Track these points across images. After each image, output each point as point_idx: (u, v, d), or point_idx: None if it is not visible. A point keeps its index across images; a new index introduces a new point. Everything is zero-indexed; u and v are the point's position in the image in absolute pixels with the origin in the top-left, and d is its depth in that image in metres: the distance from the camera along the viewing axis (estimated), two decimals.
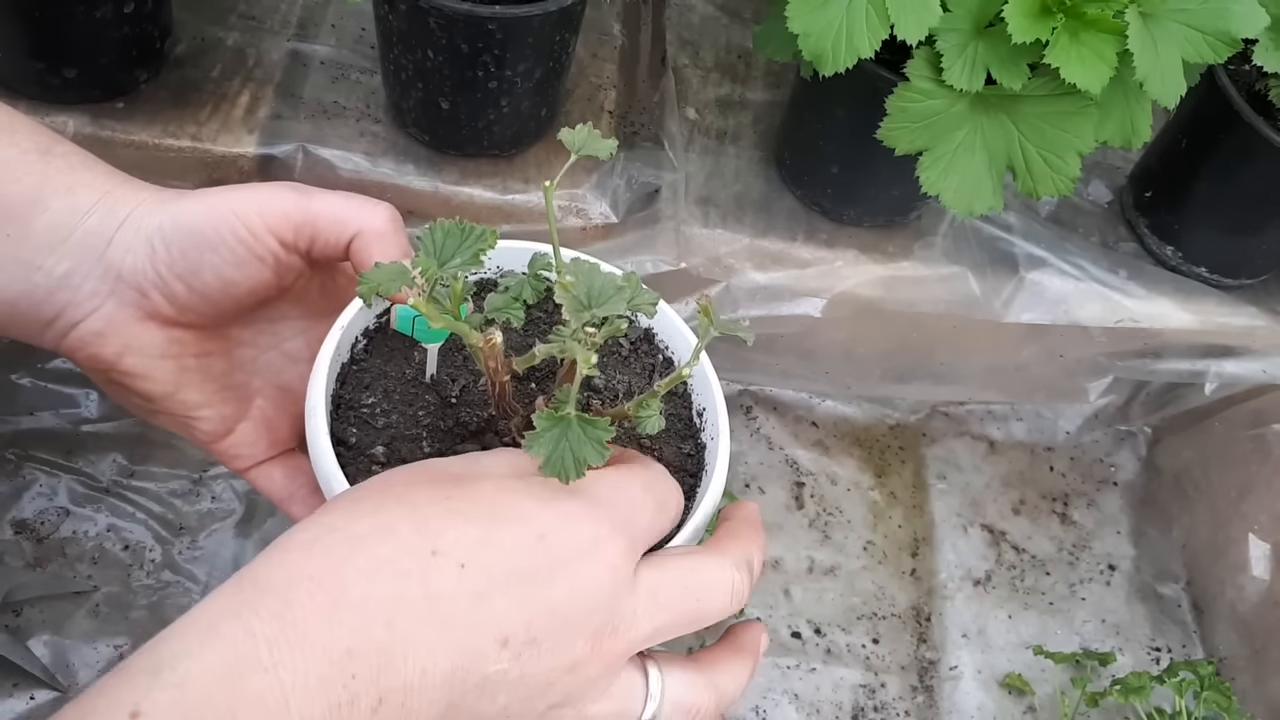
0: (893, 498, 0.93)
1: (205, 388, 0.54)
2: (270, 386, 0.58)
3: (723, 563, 0.45)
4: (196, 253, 0.50)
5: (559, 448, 0.40)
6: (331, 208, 0.51)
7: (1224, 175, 0.80)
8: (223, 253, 0.50)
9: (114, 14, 0.69)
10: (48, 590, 0.73)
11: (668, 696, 0.44)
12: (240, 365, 0.56)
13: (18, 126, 0.51)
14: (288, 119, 0.75)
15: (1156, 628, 0.90)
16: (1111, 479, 0.98)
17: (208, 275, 0.50)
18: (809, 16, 0.64)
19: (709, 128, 0.86)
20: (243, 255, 0.50)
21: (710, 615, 0.44)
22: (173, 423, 0.55)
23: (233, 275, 0.51)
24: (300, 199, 0.51)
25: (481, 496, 0.40)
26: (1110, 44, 0.63)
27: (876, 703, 0.82)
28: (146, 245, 0.50)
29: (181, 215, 0.50)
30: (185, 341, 0.53)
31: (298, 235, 0.51)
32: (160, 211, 0.50)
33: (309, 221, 0.51)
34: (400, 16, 0.68)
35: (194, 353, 0.53)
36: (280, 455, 0.58)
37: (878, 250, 0.82)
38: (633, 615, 0.41)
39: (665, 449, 0.53)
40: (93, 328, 0.51)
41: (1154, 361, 0.89)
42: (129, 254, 0.50)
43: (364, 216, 0.51)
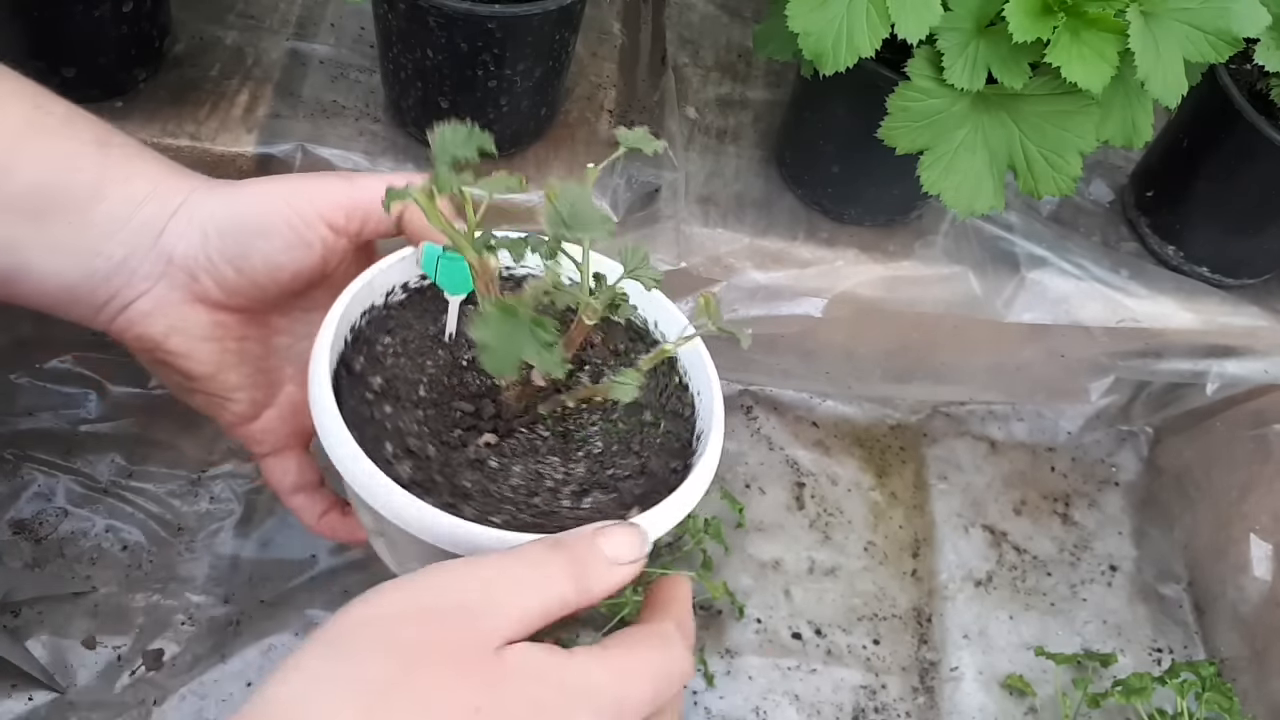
0: (893, 498, 0.93)
1: (242, 371, 0.57)
2: (300, 375, 0.60)
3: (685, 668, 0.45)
4: (248, 238, 0.53)
5: (502, 339, 0.40)
6: (378, 189, 0.52)
7: (1225, 174, 0.80)
8: (273, 239, 0.53)
9: (113, 13, 0.69)
10: (46, 590, 0.73)
11: None
12: (275, 352, 0.59)
13: (77, 120, 0.54)
14: (287, 118, 0.75)
15: (1158, 628, 0.90)
16: (1113, 479, 0.98)
17: (257, 260, 0.53)
18: (809, 15, 0.63)
19: (709, 127, 0.86)
20: (293, 241, 0.53)
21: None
22: (208, 403, 0.58)
23: (281, 260, 0.53)
24: (347, 185, 0.53)
25: (510, 713, 0.38)
26: (1111, 43, 0.62)
27: (877, 704, 0.81)
28: (199, 231, 0.53)
29: (233, 203, 0.53)
30: (228, 325, 0.55)
31: (349, 219, 0.53)
32: (212, 199, 0.53)
33: (359, 205, 0.53)
34: (399, 15, 0.67)
35: (235, 336, 0.56)
36: (298, 446, 0.61)
37: (878, 250, 0.82)
38: None
39: (656, 451, 0.53)
40: (143, 308, 0.54)
41: (1155, 361, 0.89)
42: (181, 240, 0.53)
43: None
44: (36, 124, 0.52)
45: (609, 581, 0.43)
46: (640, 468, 0.51)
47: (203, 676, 0.72)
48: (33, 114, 0.52)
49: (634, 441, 0.52)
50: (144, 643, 0.73)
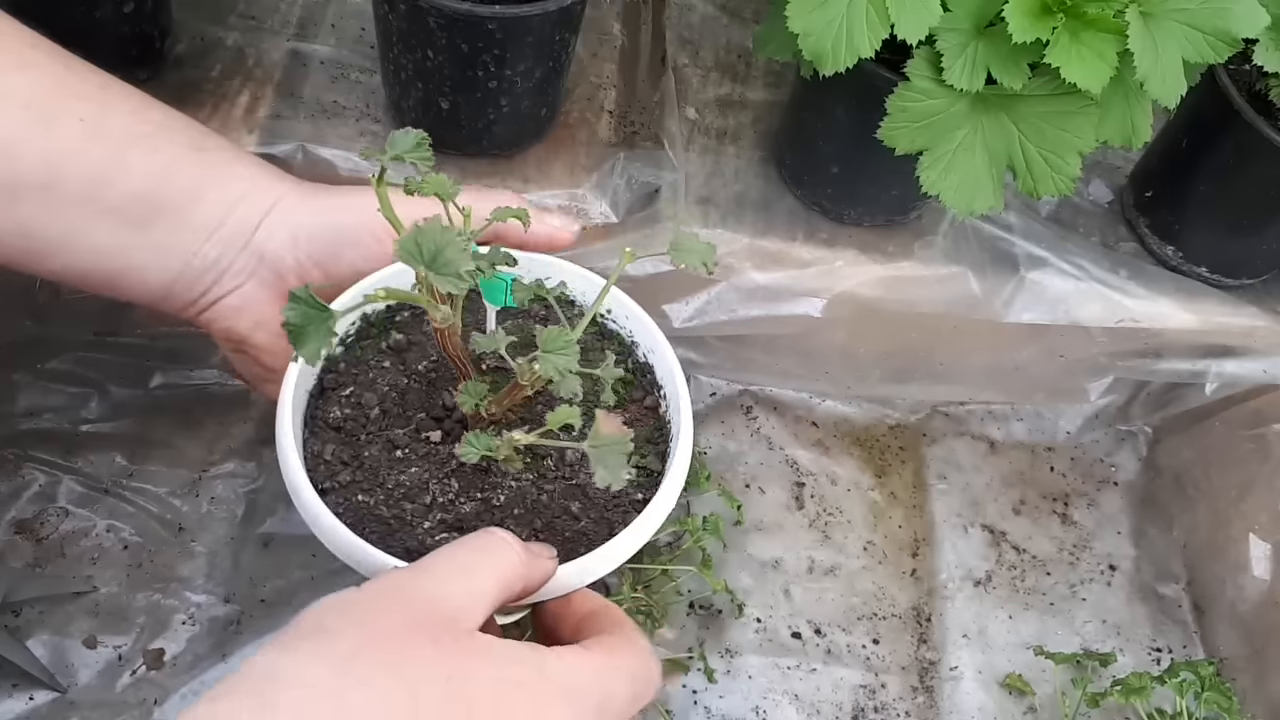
0: (893, 498, 0.93)
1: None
2: None
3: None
4: (336, 245, 0.55)
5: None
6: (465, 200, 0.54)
7: (1224, 175, 0.80)
8: (360, 248, 0.55)
9: (113, 14, 0.69)
10: (47, 590, 0.74)
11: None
12: None
13: (174, 124, 0.57)
14: (287, 118, 0.75)
15: (1157, 628, 0.90)
16: (1112, 479, 0.98)
17: (343, 266, 0.56)
18: (809, 16, 0.64)
19: (709, 127, 0.86)
20: (377, 252, 0.55)
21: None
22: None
23: (366, 268, 0.55)
24: (434, 202, 0.54)
25: (480, 687, 0.39)
26: (1110, 44, 0.63)
27: (877, 703, 0.82)
28: (289, 235, 0.56)
29: (324, 210, 0.56)
30: None
31: None
32: (304, 204, 0.56)
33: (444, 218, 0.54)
34: (400, 16, 0.67)
35: None
36: None
37: (878, 250, 0.82)
38: None
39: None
40: (232, 304, 0.57)
41: (1154, 361, 0.89)
42: (271, 240, 0.56)
43: (494, 200, 0.55)
44: (135, 131, 0.55)
45: (544, 571, 0.46)
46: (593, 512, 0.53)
47: (203, 676, 0.73)
48: (130, 121, 0.55)
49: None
50: (145, 642, 0.73)
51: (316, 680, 0.37)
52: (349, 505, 0.50)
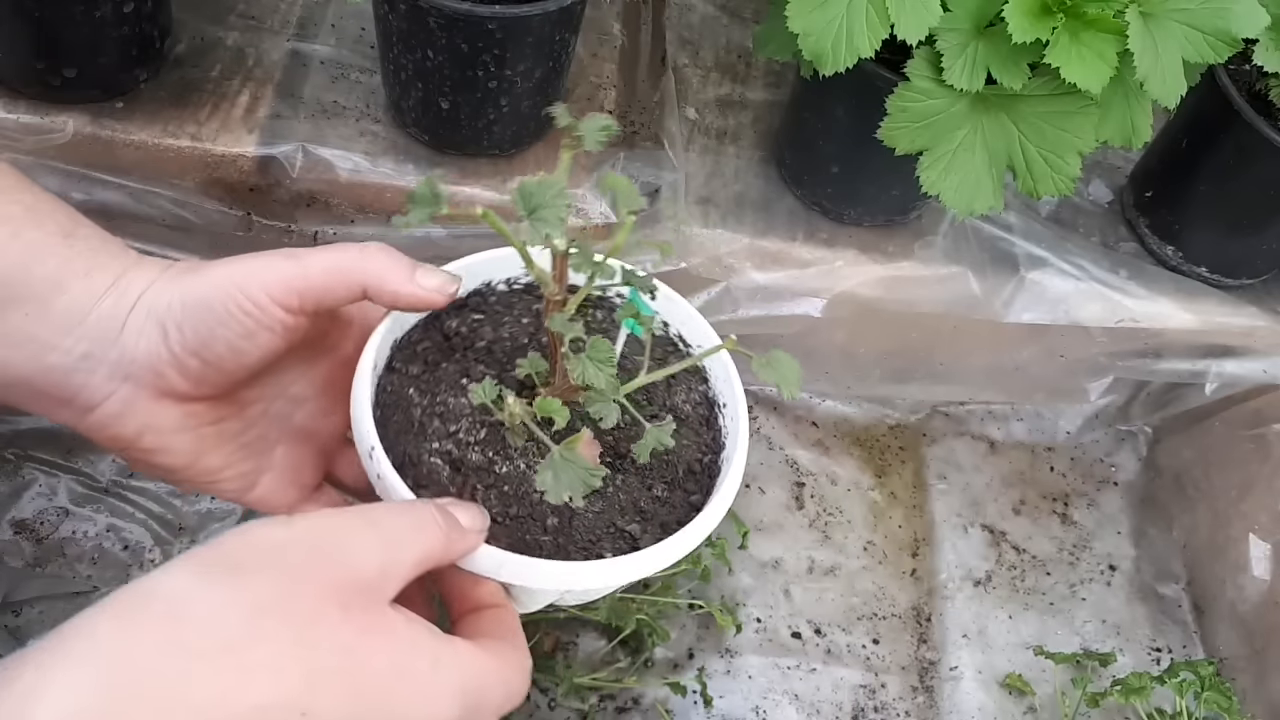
0: (893, 498, 0.93)
1: (223, 451, 0.56)
2: (285, 433, 0.59)
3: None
4: (206, 328, 0.51)
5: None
6: (330, 266, 0.52)
7: (1224, 175, 0.80)
8: (232, 326, 0.52)
9: (114, 14, 0.69)
10: (47, 590, 0.73)
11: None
12: (252, 422, 0.58)
13: (43, 208, 0.53)
14: (287, 119, 0.75)
15: (1157, 628, 0.90)
16: (1112, 479, 0.98)
17: (219, 348, 0.52)
18: (809, 16, 0.64)
19: (709, 127, 0.86)
20: (251, 327, 0.52)
21: None
22: (198, 486, 0.57)
23: (243, 346, 0.52)
24: (296, 265, 0.52)
25: (374, 667, 0.40)
26: (1110, 44, 0.63)
27: (877, 703, 0.82)
28: (158, 326, 0.52)
29: (189, 293, 0.52)
30: (200, 413, 0.55)
31: (302, 300, 0.52)
32: (169, 291, 0.52)
33: (311, 285, 0.52)
34: (400, 16, 0.67)
35: (209, 421, 0.55)
36: (312, 494, 0.61)
37: (878, 250, 0.82)
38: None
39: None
40: (111, 410, 0.52)
41: (1154, 361, 0.89)
42: (142, 337, 0.52)
43: (365, 265, 0.52)
44: (1, 212, 0.51)
45: (466, 545, 0.46)
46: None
47: None
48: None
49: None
50: None
51: (224, 627, 0.37)
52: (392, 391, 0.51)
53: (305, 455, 0.60)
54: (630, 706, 0.78)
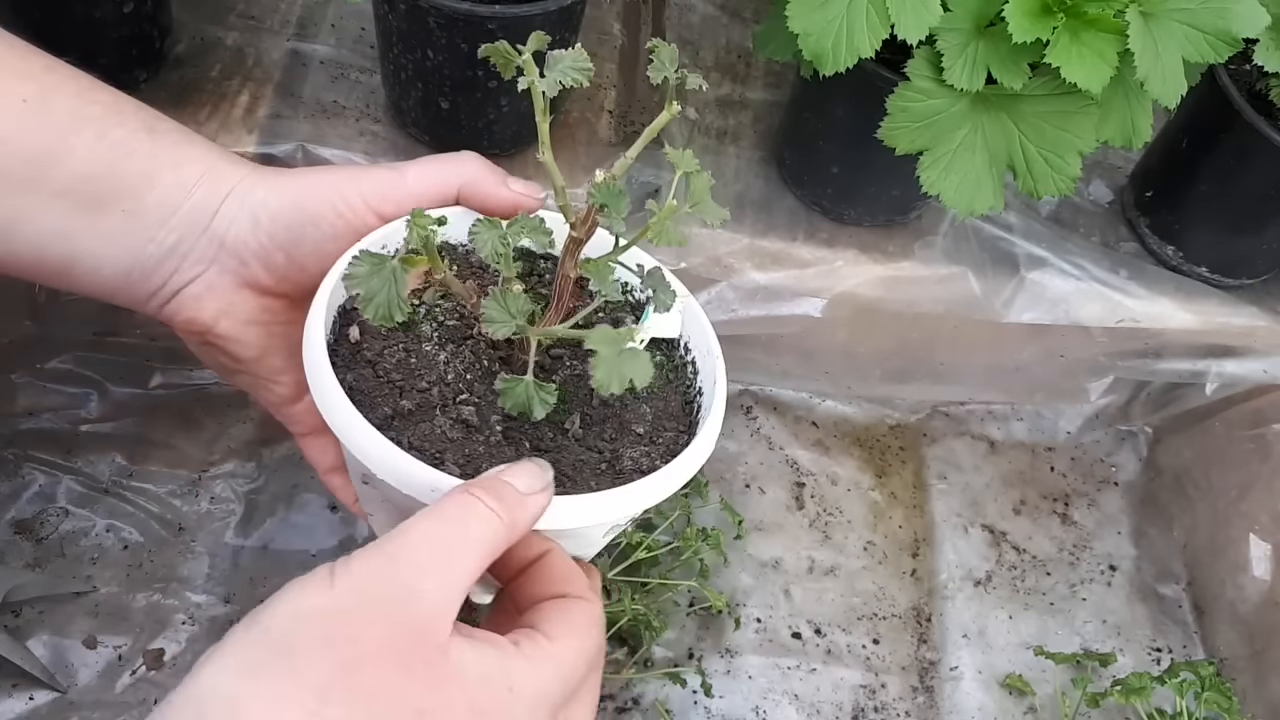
0: (893, 498, 0.93)
1: (286, 354, 0.57)
2: None
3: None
4: (299, 226, 0.53)
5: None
6: (427, 174, 0.54)
7: (1225, 175, 0.80)
8: (323, 227, 0.53)
9: (113, 13, 0.69)
10: (47, 590, 0.73)
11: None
12: None
13: (124, 106, 0.54)
14: (287, 118, 0.75)
15: (1157, 628, 0.90)
16: (1112, 479, 0.98)
17: (307, 247, 0.53)
18: (809, 16, 0.63)
19: (709, 127, 0.86)
20: (341, 230, 0.53)
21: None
22: (254, 384, 0.59)
23: (330, 248, 0.53)
24: (397, 176, 0.54)
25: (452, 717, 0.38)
26: (1111, 43, 0.63)
27: (877, 703, 0.82)
28: (250, 217, 0.53)
29: (284, 190, 0.53)
30: (275, 310, 0.56)
31: (398, 209, 0.53)
32: (262, 185, 0.54)
33: (410, 195, 0.53)
34: (400, 16, 0.67)
35: (282, 321, 0.56)
36: None
37: (878, 250, 0.82)
38: None
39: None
40: (194, 293, 0.54)
41: (1155, 361, 0.89)
42: (233, 225, 0.53)
43: (461, 170, 0.54)
44: (82, 113, 0.52)
45: (531, 512, 0.43)
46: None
47: None
48: (78, 103, 0.52)
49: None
50: (145, 642, 0.73)
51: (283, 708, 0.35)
52: (357, 373, 0.49)
53: None
54: (630, 706, 0.78)
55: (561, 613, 0.44)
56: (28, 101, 0.51)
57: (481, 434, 0.49)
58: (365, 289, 0.44)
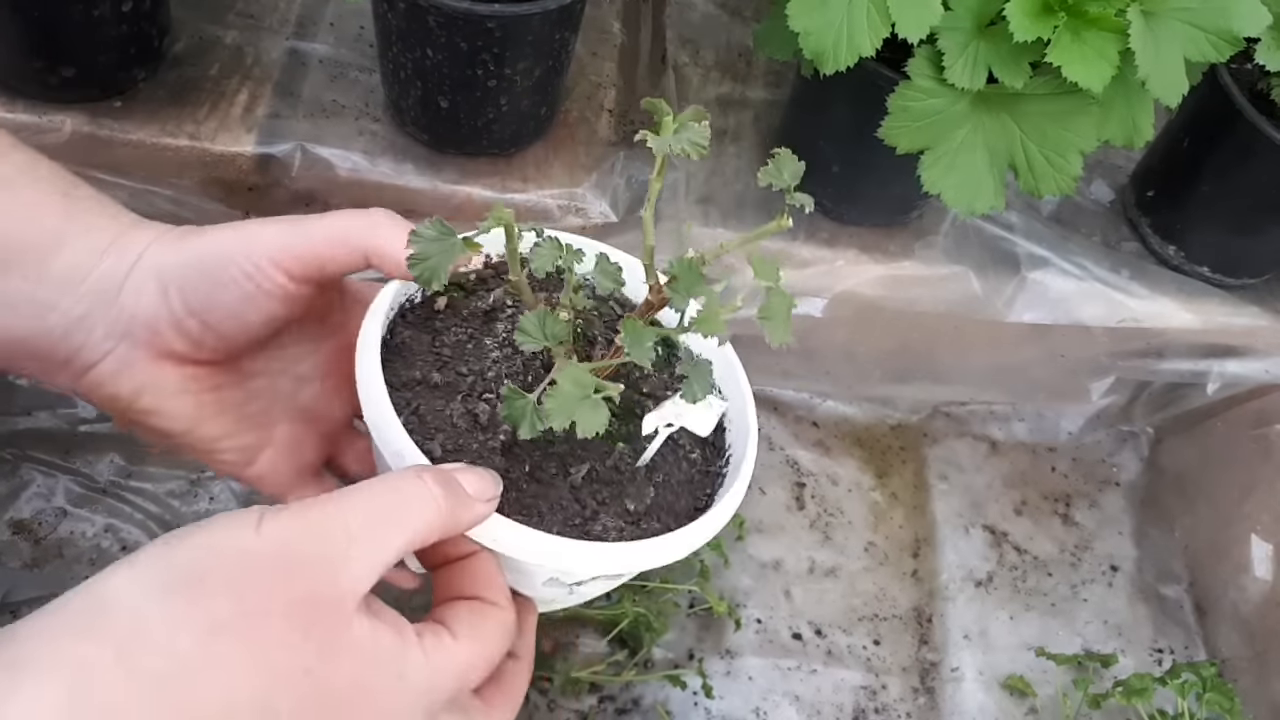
0: (894, 498, 0.93)
1: (223, 420, 0.55)
2: (289, 411, 0.58)
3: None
4: (207, 290, 0.51)
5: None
6: (332, 231, 0.51)
7: (1226, 174, 0.80)
8: (233, 290, 0.51)
9: (112, 12, 0.69)
10: (45, 591, 0.73)
11: None
12: (255, 395, 0.57)
13: (40, 168, 0.52)
14: (286, 118, 0.75)
15: (1159, 629, 0.90)
16: (1113, 479, 0.98)
17: (220, 312, 0.51)
18: (810, 15, 0.63)
19: (709, 126, 0.86)
20: (252, 291, 0.51)
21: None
22: (196, 454, 0.56)
23: (244, 310, 0.51)
24: (301, 230, 0.51)
25: (334, 689, 0.38)
26: (1112, 42, 0.62)
27: (878, 704, 0.81)
28: (158, 284, 0.51)
29: (191, 254, 0.51)
30: (200, 377, 0.54)
31: (305, 267, 0.51)
32: (170, 251, 0.51)
33: (315, 251, 0.51)
34: (399, 15, 0.67)
35: (209, 387, 0.54)
36: (311, 479, 0.59)
37: (879, 250, 0.82)
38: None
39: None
40: (109, 369, 0.51)
41: (1156, 361, 0.89)
42: (142, 295, 0.51)
43: (371, 230, 0.51)
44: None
45: (473, 514, 0.43)
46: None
47: None
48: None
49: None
50: None
51: (176, 651, 0.36)
52: (398, 354, 0.49)
53: (308, 437, 0.59)
54: (630, 708, 0.77)
55: (472, 614, 0.44)
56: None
57: (484, 434, 0.48)
58: (421, 249, 0.45)
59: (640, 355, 0.46)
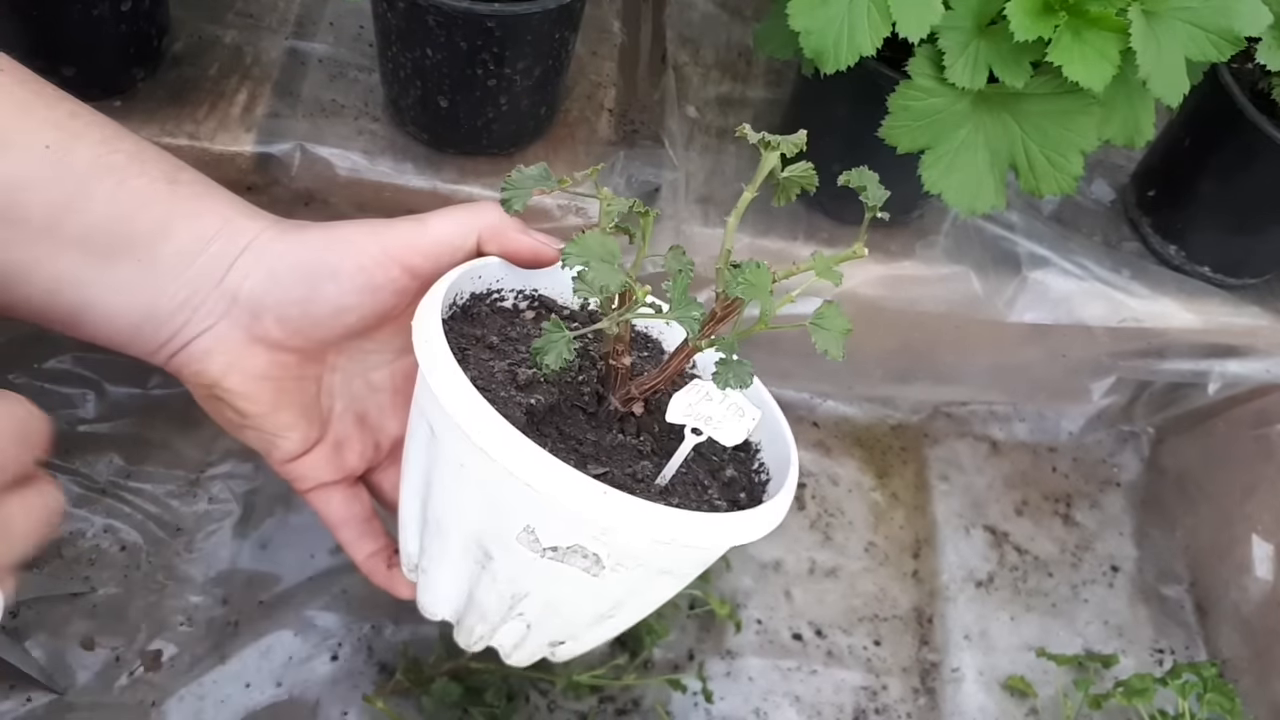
0: (894, 499, 0.92)
1: (295, 409, 0.56)
2: (349, 413, 0.59)
3: None
4: (316, 280, 0.52)
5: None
6: (449, 223, 0.53)
7: (1227, 174, 0.80)
8: (343, 281, 0.52)
9: (111, 12, 0.69)
10: (45, 591, 0.73)
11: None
12: (330, 391, 0.58)
13: (147, 155, 0.53)
14: (285, 117, 0.75)
15: (1159, 629, 0.90)
16: (1114, 479, 0.98)
17: (324, 303, 0.53)
18: (810, 14, 0.63)
19: (709, 126, 0.86)
20: (362, 284, 0.52)
21: None
22: (259, 439, 0.57)
23: (348, 303, 0.53)
24: (418, 226, 0.53)
25: None
26: (1113, 42, 0.62)
27: (878, 705, 0.81)
28: (267, 271, 0.52)
29: (303, 244, 0.53)
30: (287, 365, 0.55)
31: (425, 260, 0.53)
32: (281, 240, 0.53)
33: (432, 246, 0.53)
34: (399, 14, 0.67)
35: (293, 376, 0.56)
36: (342, 481, 0.60)
37: (879, 249, 0.81)
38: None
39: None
40: (203, 346, 0.53)
41: (1157, 361, 0.89)
42: (247, 279, 0.52)
43: (482, 218, 0.54)
44: (104, 161, 0.51)
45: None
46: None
47: (201, 678, 0.72)
48: (101, 151, 0.52)
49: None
50: (142, 643, 0.73)
51: None
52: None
53: (358, 444, 0.60)
54: (630, 708, 0.77)
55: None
56: (50, 148, 0.50)
57: (517, 391, 0.49)
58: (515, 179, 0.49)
59: (683, 311, 0.48)
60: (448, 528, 0.50)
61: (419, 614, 0.56)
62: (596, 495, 0.43)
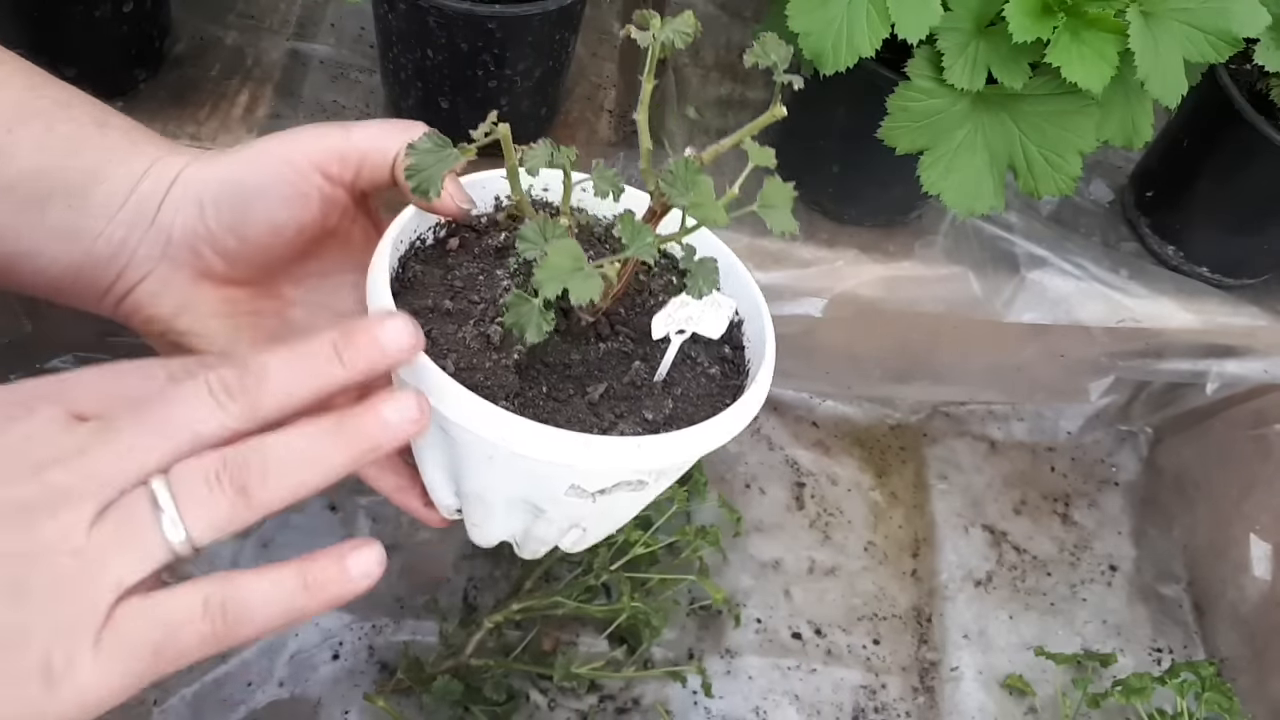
0: (893, 498, 0.93)
1: (258, 344, 0.55)
2: None
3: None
4: (244, 201, 0.52)
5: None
6: (372, 134, 0.52)
7: (1225, 174, 0.80)
8: (270, 196, 0.51)
9: (113, 13, 0.69)
10: None
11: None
12: (293, 325, 0.57)
13: (74, 101, 0.53)
14: (287, 118, 0.75)
15: (1158, 628, 0.90)
16: (1113, 479, 0.98)
17: (257, 222, 0.52)
18: (809, 15, 0.63)
19: (709, 127, 0.86)
20: (289, 194, 0.52)
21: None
22: None
23: (280, 217, 0.52)
24: (341, 132, 0.52)
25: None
26: (1111, 43, 0.62)
27: (877, 704, 0.81)
28: (195, 203, 0.52)
29: (227, 168, 0.52)
30: (238, 299, 0.54)
31: (342, 166, 0.52)
32: (206, 169, 0.52)
33: (353, 150, 0.52)
34: (399, 16, 0.67)
35: (247, 310, 0.55)
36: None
37: (878, 250, 0.82)
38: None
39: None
40: (149, 289, 0.53)
41: (1155, 361, 0.89)
42: (179, 214, 0.52)
43: (404, 137, 0.52)
44: (31, 107, 0.51)
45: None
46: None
47: (203, 678, 0.72)
48: (26, 96, 0.51)
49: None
50: None
51: None
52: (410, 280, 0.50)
53: None
54: (630, 707, 0.77)
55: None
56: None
57: (498, 354, 0.48)
58: (417, 160, 0.47)
59: (643, 251, 0.46)
60: (491, 499, 0.51)
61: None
62: (631, 450, 0.45)
